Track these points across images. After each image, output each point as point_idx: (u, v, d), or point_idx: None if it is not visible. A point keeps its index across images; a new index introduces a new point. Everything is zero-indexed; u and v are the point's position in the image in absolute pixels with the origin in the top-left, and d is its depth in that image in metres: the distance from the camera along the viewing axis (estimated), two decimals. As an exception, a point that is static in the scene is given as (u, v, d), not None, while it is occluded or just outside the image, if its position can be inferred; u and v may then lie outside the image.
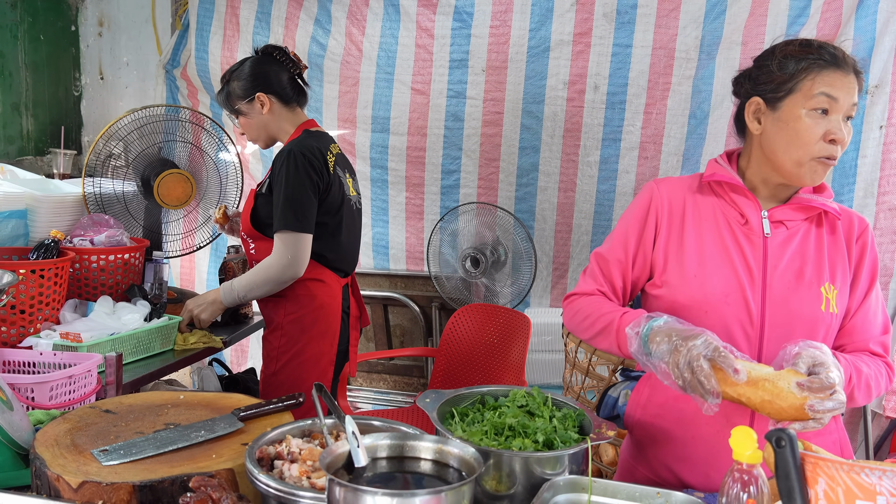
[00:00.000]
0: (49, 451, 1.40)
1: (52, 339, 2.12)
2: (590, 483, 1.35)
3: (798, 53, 1.58)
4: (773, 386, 1.36)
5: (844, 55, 1.56)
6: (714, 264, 1.62)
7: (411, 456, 1.26)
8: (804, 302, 1.57)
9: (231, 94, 2.55)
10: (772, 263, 1.60)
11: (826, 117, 1.54)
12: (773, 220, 1.63)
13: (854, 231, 1.65)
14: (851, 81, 1.55)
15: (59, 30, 4.28)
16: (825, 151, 1.54)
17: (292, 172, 2.35)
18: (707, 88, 3.43)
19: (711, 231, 1.65)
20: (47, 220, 2.58)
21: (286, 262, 2.35)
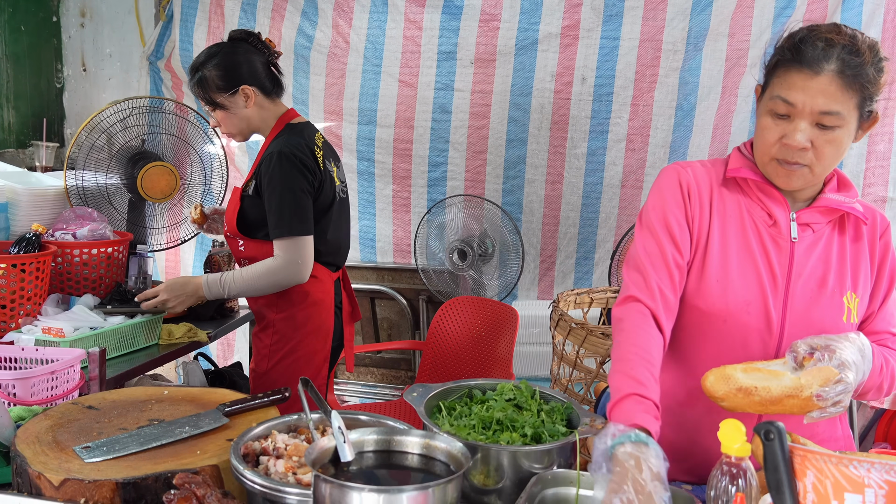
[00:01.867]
0: (30, 449, 1.38)
1: (33, 334, 2.09)
2: (577, 476, 1.34)
3: (781, 45, 1.47)
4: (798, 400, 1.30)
5: (829, 52, 1.38)
6: (738, 270, 1.51)
7: (398, 450, 1.25)
8: (826, 312, 1.49)
9: (208, 85, 2.39)
10: (797, 271, 1.50)
11: (786, 120, 1.43)
12: (801, 223, 1.52)
13: (877, 230, 1.55)
14: (824, 83, 1.38)
15: (40, 20, 4.22)
16: (780, 154, 1.45)
17: (285, 175, 2.27)
18: (694, 80, 3.43)
19: (737, 231, 1.53)
20: (28, 213, 2.54)
21: (295, 268, 2.29)
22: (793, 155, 1.43)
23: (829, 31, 1.41)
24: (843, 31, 1.41)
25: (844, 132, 1.42)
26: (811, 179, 1.47)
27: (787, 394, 1.30)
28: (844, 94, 1.39)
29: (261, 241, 2.39)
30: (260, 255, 2.38)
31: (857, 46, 1.39)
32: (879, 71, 1.42)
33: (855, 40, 1.40)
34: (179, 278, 2.44)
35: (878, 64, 1.42)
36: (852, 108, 1.41)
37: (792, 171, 1.45)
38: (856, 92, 1.40)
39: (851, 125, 1.42)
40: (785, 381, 1.31)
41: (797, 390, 1.30)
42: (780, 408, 1.32)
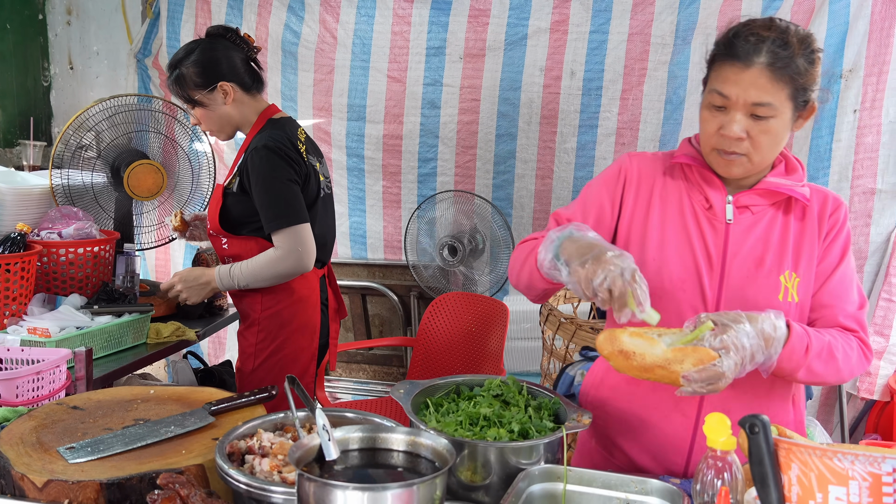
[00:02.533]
0: (13, 450, 1.37)
1: (19, 334, 2.08)
2: (565, 472, 1.34)
3: (718, 40, 1.53)
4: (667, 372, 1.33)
5: (759, 45, 1.45)
6: (673, 249, 1.59)
7: (383, 448, 1.24)
8: (761, 291, 1.54)
9: (185, 82, 2.37)
10: (732, 251, 1.57)
11: (723, 112, 1.50)
12: (739, 206, 1.59)
13: (827, 209, 1.60)
14: (755, 76, 1.45)
15: (25, 18, 4.20)
16: (718, 144, 1.51)
17: (272, 168, 2.25)
18: (683, 74, 3.43)
19: (675, 214, 1.62)
20: (13, 212, 2.52)
21: (297, 257, 2.27)
22: (730, 145, 1.50)
23: (760, 26, 1.48)
24: (775, 26, 1.48)
25: (779, 122, 1.48)
26: (750, 168, 1.54)
27: (658, 364, 1.32)
28: (775, 85, 1.45)
29: (244, 237, 2.37)
30: (244, 253, 2.36)
31: (786, 40, 1.45)
32: (811, 62, 1.48)
33: (785, 34, 1.47)
34: (194, 270, 2.44)
35: (810, 56, 1.48)
36: (784, 98, 1.47)
37: (731, 161, 1.52)
38: (786, 83, 1.46)
39: (786, 115, 1.49)
40: (657, 351, 1.33)
41: (667, 363, 1.32)
42: (653, 376, 1.34)
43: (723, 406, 1.55)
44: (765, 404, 1.59)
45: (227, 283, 2.36)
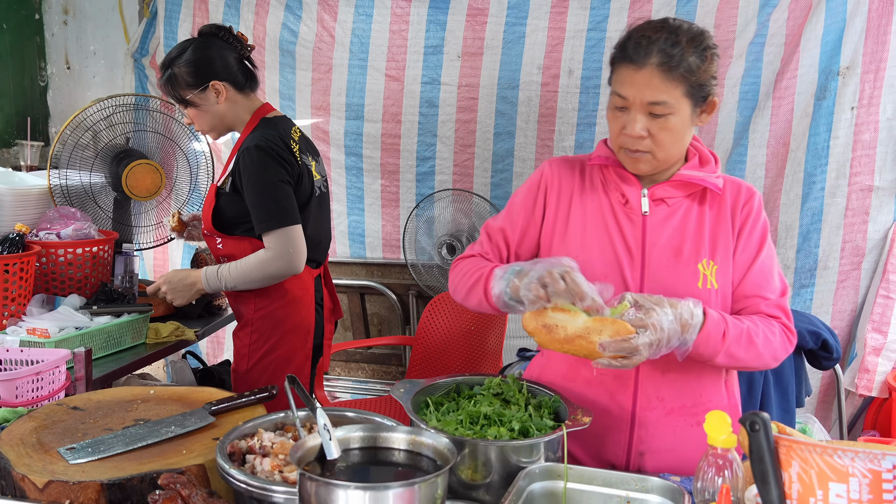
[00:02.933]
0: (14, 451, 1.37)
1: (18, 335, 2.08)
2: (565, 470, 1.34)
3: (616, 43, 1.59)
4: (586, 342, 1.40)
5: (650, 46, 1.51)
6: (594, 245, 1.65)
7: (385, 447, 1.24)
8: (680, 279, 1.60)
9: (178, 82, 2.35)
10: (650, 241, 1.63)
11: (624, 112, 1.56)
12: (654, 199, 1.64)
13: (740, 200, 1.65)
14: (647, 76, 1.51)
15: (22, 18, 4.18)
16: (623, 143, 1.58)
17: (264, 168, 2.24)
18: (680, 72, 3.42)
19: (595, 212, 1.68)
20: (12, 213, 2.52)
21: (287, 259, 2.25)
22: (633, 143, 1.56)
23: (651, 28, 1.54)
24: (666, 26, 1.54)
25: (678, 119, 1.54)
26: (656, 164, 1.60)
27: (579, 334, 1.39)
28: (668, 84, 1.51)
29: (238, 237, 2.35)
30: (238, 253, 2.35)
31: (676, 39, 1.51)
32: (704, 59, 1.53)
33: (675, 33, 1.52)
34: (180, 270, 2.43)
35: (702, 53, 1.53)
36: (680, 96, 1.52)
37: (636, 158, 1.59)
38: (680, 81, 1.51)
39: (684, 112, 1.54)
40: (578, 322, 1.40)
41: (587, 332, 1.39)
42: (573, 347, 1.41)
43: (656, 393, 1.62)
44: (697, 390, 1.65)
45: (214, 285, 2.34)
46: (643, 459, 1.65)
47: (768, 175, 3.44)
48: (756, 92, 3.39)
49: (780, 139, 3.40)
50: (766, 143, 3.41)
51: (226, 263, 2.34)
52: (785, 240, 3.44)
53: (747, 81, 3.38)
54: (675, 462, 1.64)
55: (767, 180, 3.45)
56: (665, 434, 1.64)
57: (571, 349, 1.42)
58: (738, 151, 3.46)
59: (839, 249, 3.39)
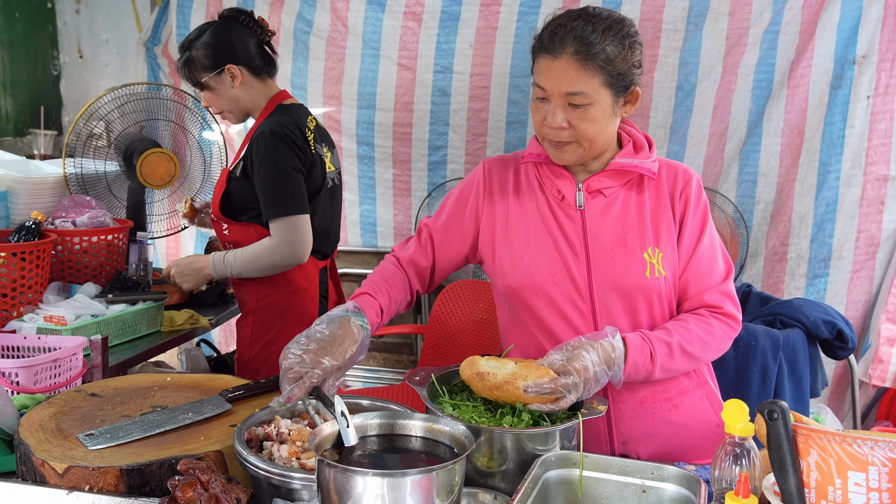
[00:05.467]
0: (34, 437, 1.39)
1: (35, 322, 2.09)
2: (581, 458, 1.35)
3: (536, 33, 1.56)
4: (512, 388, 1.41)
5: (565, 36, 1.47)
6: (538, 246, 1.62)
7: (402, 434, 1.25)
8: (627, 270, 1.58)
9: (194, 65, 2.34)
10: (592, 235, 1.60)
11: (545, 104, 1.53)
12: (591, 191, 1.61)
13: (678, 185, 1.62)
14: (564, 66, 1.47)
15: (34, 7, 4.19)
16: (546, 134, 1.55)
17: (276, 154, 2.22)
18: (694, 60, 3.41)
19: (534, 211, 1.65)
20: (28, 201, 2.53)
21: (291, 248, 2.24)
22: (555, 135, 1.53)
23: (568, 16, 1.51)
24: (584, 15, 1.50)
25: (598, 109, 1.50)
26: (583, 153, 1.56)
27: (507, 380, 1.41)
28: (585, 74, 1.47)
29: (244, 224, 2.34)
30: (244, 240, 2.35)
31: (593, 28, 1.47)
32: (622, 47, 1.49)
33: (592, 21, 1.49)
34: (190, 256, 2.44)
35: (621, 41, 1.49)
36: (598, 86, 1.48)
37: (560, 149, 1.56)
38: (597, 71, 1.47)
39: (604, 102, 1.50)
40: (507, 369, 1.42)
41: (513, 378, 1.40)
42: (502, 394, 1.42)
43: (625, 385, 1.59)
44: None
45: (221, 271, 2.34)
46: (627, 448, 1.66)
47: (783, 164, 3.42)
48: (770, 80, 3.37)
49: (794, 128, 3.38)
50: (780, 133, 3.40)
51: (233, 250, 2.34)
52: (799, 229, 3.42)
53: (761, 70, 3.36)
54: (663, 447, 1.65)
55: (782, 170, 3.43)
56: (643, 422, 1.64)
57: (501, 396, 1.42)
58: (752, 140, 3.44)
59: (854, 240, 3.37)
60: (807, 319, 2.39)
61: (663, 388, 1.64)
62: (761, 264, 3.53)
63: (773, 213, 3.48)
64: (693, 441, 1.66)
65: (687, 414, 1.65)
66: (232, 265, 2.32)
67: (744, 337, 2.29)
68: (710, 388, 1.70)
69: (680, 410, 1.65)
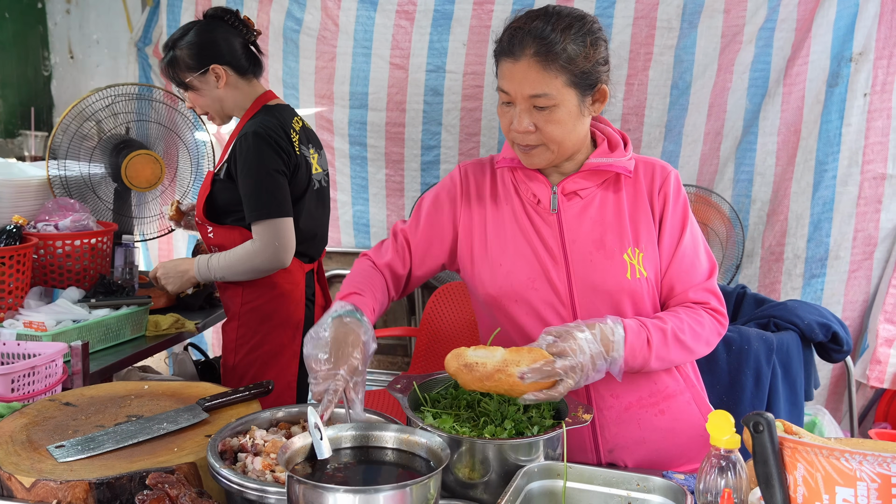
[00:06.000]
0: (2, 449, 1.35)
1: (15, 328, 2.06)
2: (565, 469, 1.31)
3: (497, 37, 1.53)
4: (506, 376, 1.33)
5: (524, 38, 1.44)
6: (516, 252, 1.58)
7: (377, 446, 1.21)
8: (607, 273, 1.53)
9: (178, 65, 2.30)
10: (569, 239, 1.56)
11: (511, 108, 1.50)
12: (566, 193, 1.57)
13: (656, 182, 1.58)
14: (525, 69, 1.44)
15: (24, 7, 4.16)
16: (514, 138, 1.51)
17: (259, 156, 2.19)
18: (689, 58, 3.37)
19: (510, 217, 1.60)
20: (11, 204, 2.49)
21: (273, 252, 2.20)
22: (522, 138, 1.49)
23: (527, 17, 1.47)
24: (543, 14, 1.46)
25: (563, 111, 1.46)
26: (552, 157, 1.52)
27: (498, 368, 1.33)
28: (546, 75, 1.43)
29: (228, 227, 2.31)
30: (228, 243, 2.31)
31: (552, 27, 1.43)
32: (584, 45, 1.45)
33: (550, 21, 1.45)
34: (177, 259, 2.42)
35: (582, 39, 1.45)
36: (561, 86, 1.44)
37: (528, 153, 1.52)
38: (559, 71, 1.43)
39: (569, 103, 1.46)
40: (497, 356, 1.35)
41: (505, 365, 1.33)
42: (494, 384, 1.34)
43: (609, 391, 1.57)
44: (650, 379, 1.59)
45: (205, 274, 2.32)
46: (614, 456, 1.62)
47: (779, 163, 3.39)
48: (766, 78, 3.33)
49: (790, 126, 3.34)
50: (776, 131, 3.36)
51: (217, 253, 2.30)
52: (795, 229, 3.39)
53: (757, 67, 3.32)
54: (651, 453, 1.61)
55: (778, 168, 3.39)
56: (630, 429, 1.60)
57: (493, 386, 1.34)
58: (748, 139, 3.40)
59: (851, 239, 3.33)
60: (801, 322, 2.35)
61: (649, 393, 1.60)
62: (758, 264, 3.49)
63: (770, 213, 3.44)
64: (682, 447, 1.62)
65: (674, 419, 1.61)
66: (215, 269, 2.28)
67: (737, 340, 2.25)
68: (697, 391, 1.66)
69: (667, 416, 1.61)
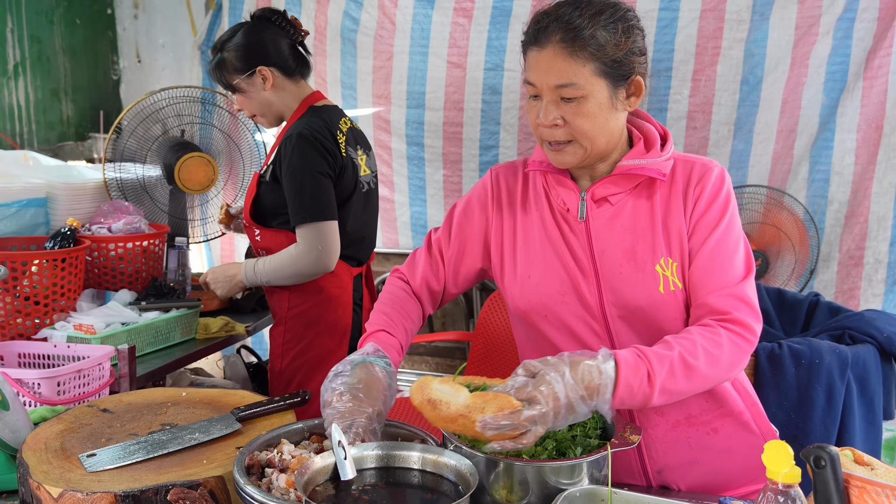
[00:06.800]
0: (35, 457, 1.34)
1: (66, 330, 2.07)
2: (609, 494, 1.22)
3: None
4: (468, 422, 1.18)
5: (550, 24, 1.33)
6: (545, 263, 1.48)
7: (402, 467, 1.15)
8: (639, 287, 1.41)
9: (226, 67, 2.30)
10: (598, 249, 1.45)
11: (539, 101, 1.39)
12: (596, 199, 1.45)
13: (693, 179, 1.42)
14: (551, 57, 1.33)
15: (94, 13, 4.27)
16: (542, 135, 1.41)
17: (304, 158, 2.16)
18: (760, 52, 3.20)
19: (540, 225, 1.51)
20: (67, 207, 2.53)
21: (316, 255, 2.18)
22: (550, 134, 1.40)
23: (556, 5, 1.38)
24: (572, 1, 1.36)
25: (592, 103, 1.35)
26: (584, 155, 1.41)
27: (461, 413, 1.18)
28: (574, 63, 1.33)
29: (275, 230, 2.29)
30: (275, 246, 2.29)
31: (580, 13, 1.34)
32: (615, 32, 1.34)
33: (579, 7, 1.34)
34: (226, 264, 2.43)
35: (613, 26, 1.34)
36: (589, 76, 1.34)
37: (558, 150, 1.41)
38: (587, 59, 1.33)
39: (599, 94, 1.35)
40: (461, 399, 1.19)
41: (468, 410, 1.17)
42: (457, 427, 1.19)
43: (655, 409, 1.45)
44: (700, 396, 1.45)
45: (251, 279, 2.31)
46: (664, 477, 1.51)
47: (858, 162, 3.19)
48: (845, 72, 3.13)
49: (871, 123, 3.14)
50: (856, 128, 3.16)
51: (263, 257, 2.29)
52: (877, 232, 3.18)
53: (835, 61, 3.13)
54: (707, 475, 1.49)
55: (857, 168, 3.19)
56: (679, 448, 1.49)
57: (456, 429, 1.20)
58: (824, 136, 3.21)
59: (938, 243, 3.11)
60: (880, 334, 2.18)
61: (700, 411, 1.48)
62: (835, 269, 3.29)
63: (848, 215, 3.24)
64: (740, 468, 1.50)
65: (728, 438, 1.49)
66: (261, 273, 2.27)
67: (807, 353, 2.10)
68: (757, 408, 1.52)
69: (720, 434, 1.48)
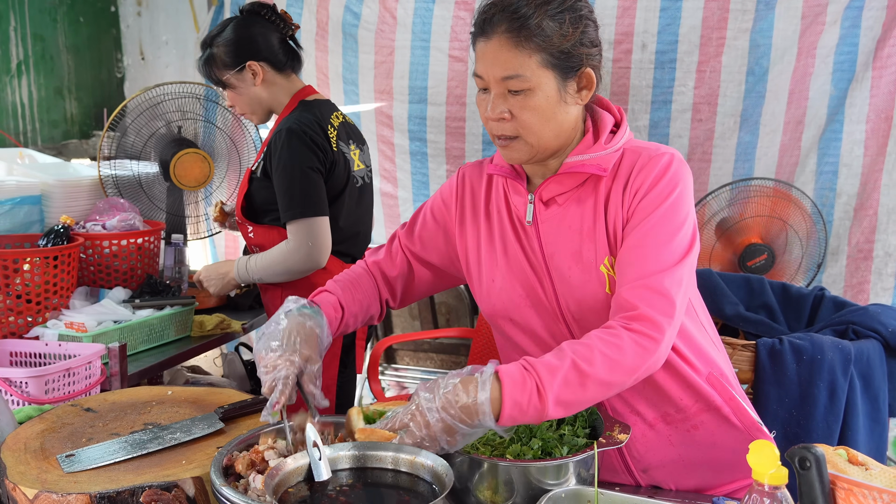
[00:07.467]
0: (13, 457, 1.32)
1: (57, 329, 2.06)
2: (595, 495, 1.19)
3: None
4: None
5: (496, 14, 1.29)
6: (507, 268, 1.45)
7: (377, 467, 1.12)
8: (587, 289, 1.37)
9: (215, 63, 2.27)
10: (548, 253, 1.41)
11: (488, 94, 1.34)
12: (544, 201, 1.41)
13: (636, 169, 1.34)
14: (496, 47, 1.29)
15: (98, 11, 4.26)
16: (491, 129, 1.37)
17: (293, 153, 2.14)
18: (766, 42, 3.14)
19: (499, 229, 1.47)
20: (62, 205, 2.51)
21: (307, 252, 2.16)
22: (497, 128, 1.35)
23: None
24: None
25: (540, 96, 1.31)
26: (531, 151, 1.36)
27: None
28: (519, 54, 1.28)
29: (268, 226, 2.28)
30: (267, 243, 2.27)
31: (527, 2, 1.28)
32: (562, 22, 1.29)
33: None
34: (219, 262, 2.42)
35: (561, 16, 1.29)
36: (536, 67, 1.29)
37: (505, 146, 1.37)
38: (534, 50, 1.28)
39: (547, 87, 1.31)
40: (360, 425, 1.23)
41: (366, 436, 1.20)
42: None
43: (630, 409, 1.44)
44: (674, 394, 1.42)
45: (244, 276, 2.30)
46: (652, 476, 1.47)
47: (867, 154, 3.13)
48: (853, 62, 3.07)
49: (881, 113, 3.08)
50: (864, 119, 3.10)
51: (255, 254, 2.27)
52: (886, 225, 3.13)
53: (843, 51, 3.07)
54: (696, 470, 1.46)
55: (867, 159, 3.14)
56: (660, 447, 1.45)
57: None
58: (833, 128, 3.15)
59: (949, 236, 3.05)
60: (885, 329, 2.12)
61: (675, 410, 1.43)
62: (843, 263, 3.23)
63: (857, 207, 3.18)
64: (730, 461, 1.45)
65: (711, 434, 1.44)
66: (253, 270, 2.26)
67: (808, 349, 2.04)
68: (737, 403, 1.44)
69: (701, 430, 1.44)
